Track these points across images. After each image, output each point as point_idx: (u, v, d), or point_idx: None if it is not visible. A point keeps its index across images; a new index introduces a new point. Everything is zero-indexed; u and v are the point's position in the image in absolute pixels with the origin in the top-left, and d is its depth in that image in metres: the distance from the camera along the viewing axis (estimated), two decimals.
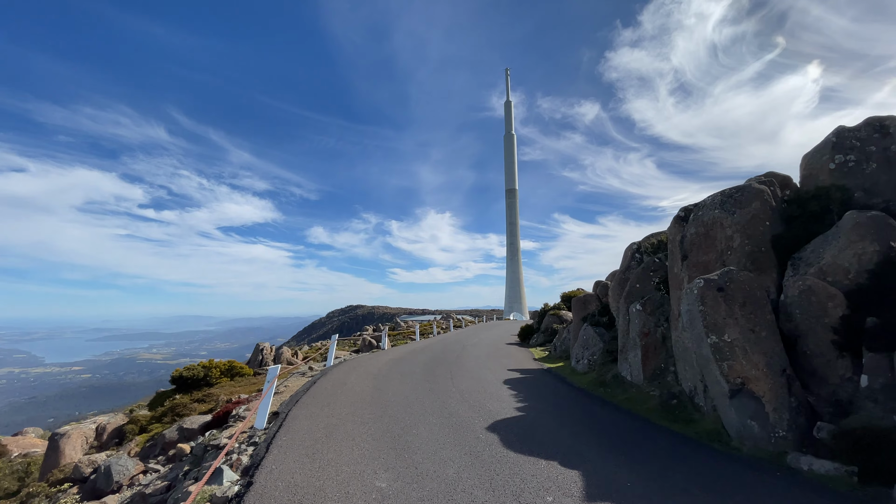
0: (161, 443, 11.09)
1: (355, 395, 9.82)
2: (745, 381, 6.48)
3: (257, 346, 20.43)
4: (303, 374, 14.00)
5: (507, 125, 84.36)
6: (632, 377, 10.68)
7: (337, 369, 13.80)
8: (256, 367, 19.16)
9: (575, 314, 14.65)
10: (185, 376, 14.61)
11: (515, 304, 77.33)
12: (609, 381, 11.19)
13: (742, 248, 8.20)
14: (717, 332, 6.78)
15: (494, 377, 12.01)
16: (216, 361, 15.46)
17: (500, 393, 9.91)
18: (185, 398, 13.73)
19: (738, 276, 6.96)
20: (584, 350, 13.08)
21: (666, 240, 11.42)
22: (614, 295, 13.29)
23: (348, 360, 16.42)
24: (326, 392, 10.20)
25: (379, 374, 12.60)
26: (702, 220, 8.98)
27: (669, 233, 10.00)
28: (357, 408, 8.61)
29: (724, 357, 6.67)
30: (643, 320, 10.48)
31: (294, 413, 8.42)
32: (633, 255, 13.14)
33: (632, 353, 10.76)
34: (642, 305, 10.60)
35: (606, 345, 12.52)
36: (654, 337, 10.34)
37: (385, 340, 20.50)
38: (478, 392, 9.93)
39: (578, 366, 13.03)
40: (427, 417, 7.79)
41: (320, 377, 12.42)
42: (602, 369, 12.00)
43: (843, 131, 8.17)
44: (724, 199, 8.72)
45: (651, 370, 10.26)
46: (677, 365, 9.64)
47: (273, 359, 19.57)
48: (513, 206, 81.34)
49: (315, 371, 14.50)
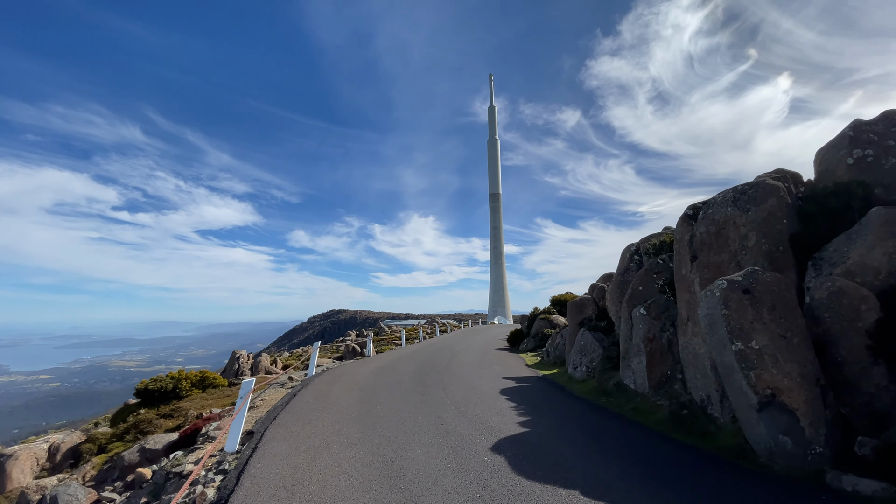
0: (120, 465, 9.89)
1: (340, 409, 8.87)
2: (776, 393, 5.84)
3: (233, 355, 19.16)
4: (282, 385, 12.93)
5: (490, 130, 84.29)
6: (636, 385, 10.03)
7: (319, 379, 12.78)
8: (232, 377, 17.91)
9: (570, 319, 14.00)
10: (152, 389, 13.34)
11: (499, 308, 76.91)
12: (611, 390, 10.51)
13: (758, 247, 7.63)
14: (742, 338, 6.14)
15: (489, 386, 11.21)
16: (186, 372, 14.22)
17: (499, 405, 9.11)
18: (150, 413, 12.48)
19: (764, 276, 6.35)
20: (582, 356, 12.40)
21: (669, 240, 10.86)
22: (612, 298, 12.68)
23: (331, 369, 15.38)
24: (308, 406, 9.22)
25: (365, 384, 11.65)
26: (713, 219, 8.40)
27: (676, 232, 9.42)
28: (343, 425, 7.68)
29: (751, 365, 6.02)
30: (647, 325, 9.85)
31: (271, 433, 7.44)
32: (632, 257, 12.57)
33: (635, 359, 10.11)
34: (646, 309, 9.97)
35: (606, 351, 11.87)
36: (659, 343, 9.71)
37: (370, 347, 19.50)
38: (474, 404, 9.10)
39: (576, 373, 12.35)
40: (422, 436, 6.92)
41: (301, 388, 11.40)
42: (602, 377, 11.33)
43: (860, 125, 7.71)
44: (737, 195, 8.16)
45: (657, 378, 9.63)
46: (686, 372, 9.02)
47: (250, 368, 18.34)
48: (496, 210, 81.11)
49: (295, 381, 13.44)
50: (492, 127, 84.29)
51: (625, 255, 13.26)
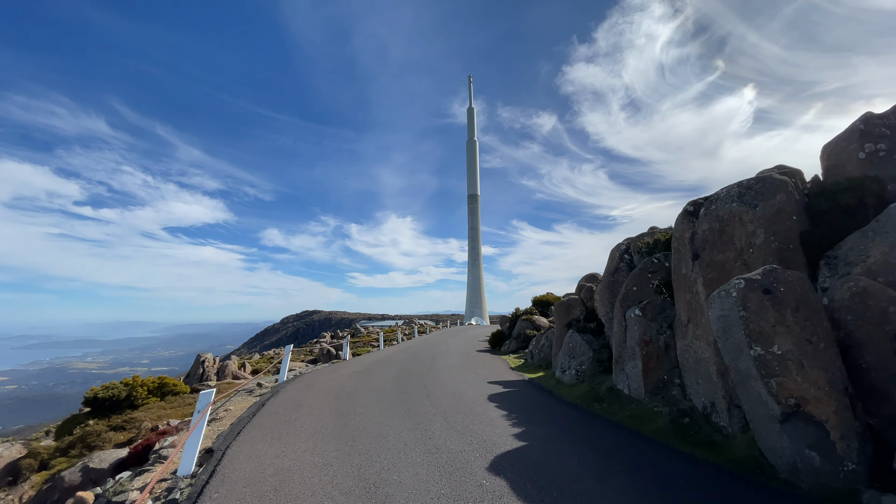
0: (60, 487, 8.59)
1: (314, 421, 7.89)
2: (802, 403, 5.27)
3: (198, 358, 17.71)
4: (250, 393, 11.78)
5: (469, 131, 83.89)
6: (630, 390, 9.44)
7: (291, 386, 11.70)
8: (196, 383, 16.50)
9: (557, 320, 13.39)
10: (103, 397, 11.93)
11: (476, 308, 76.50)
12: (604, 395, 9.90)
13: (767, 245, 7.12)
14: (763, 342, 5.55)
15: (476, 392, 10.42)
16: (142, 378, 12.84)
17: (489, 413, 8.33)
18: (100, 425, 11.11)
19: (786, 275, 5.79)
20: (571, 359, 11.78)
21: (664, 238, 10.35)
22: (602, 299, 12.12)
23: (305, 374, 14.27)
24: (278, 418, 8.19)
25: (342, 391, 10.66)
26: (716, 215, 7.87)
27: (676, 230, 8.88)
28: (317, 441, 6.72)
29: (772, 373, 5.44)
30: (643, 327, 9.28)
31: (234, 452, 6.41)
32: (622, 256, 12.05)
33: (630, 363, 9.53)
34: (642, 311, 9.40)
35: (596, 353, 11.28)
36: (656, 346, 9.15)
37: (346, 349, 18.42)
38: (463, 413, 8.29)
39: (565, 377, 11.71)
40: (409, 453, 6.04)
41: (271, 396, 10.31)
42: (593, 381, 10.72)
43: (871, 118, 7.32)
44: (743, 191, 7.65)
45: (653, 383, 9.06)
46: (685, 377, 8.48)
47: (216, 372, 16.97)
48: (475, 211, 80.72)
49: (265, 388, 12.30)
50: (470, 128, 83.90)
51: (614, 254, 12.73)
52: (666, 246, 10.21)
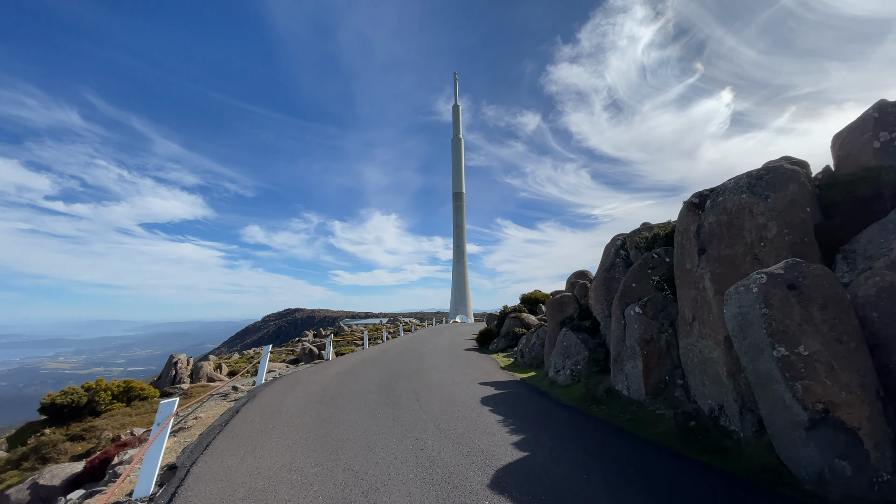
0: None
1: (293, 430, 7.16)
2: (831, 408, 4.81)
3: (170, 359, 16.65)
4: (224, 397, 10.93)
5: (454, 129, 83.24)
6: (630, 391, 8.98)
7: (270, 389, 10.88)
8: (168, 386, 15.47)
9: (550, 318, 12.90)
10: (61, 403, 10.91)
11: (461, 306, 76.06)
12: (602, 397, 9.41)
13: (780, 238, 6.69)
14: (787, 342, 5.08)
15: (468, 395, 9.81)
16: (106, 382, 11.83)
17: (483, 419, 7.72)
18: (57, 434, 10.11)
19: (812, 269, 5.33)
20: (565, 359, 11.28)
21: (664, 233, 9.92)
22: (597, 296, 11.65)
23: (285, 376, 13.44)
24: (253, 427, 7.43)
25: (325, 394, 9.92)
26: (724, 207, 7.42)
27: (679, 223, 8.42)
28: (296, 454, 6.00)
29: (797, 375, 4.97)
30: (644, 325, 8.81)
31: (201, 468, 5.65)
32: (618, 252, 11.60)
33: (629, 363, 9.06)
34: (642, 308, 8.94)
35: (592, 353, 10.80)
36: (657, 345, 8.70)
37: (329, 349, 17.61)
38: (456, 419, 7.67)
39: (559, 377, 11.21)
40: (400, 468, 5.39)
41: (247, 402, 9.50)
42: (590, 381, 10.23)
43: (886, 105, 6.96)
44: (753, 181, 7.21)
45: (654, 383, 8.60)
46: (689, 378, 8.03)
47: (190, 374, 15.95)
48: (459, 209, 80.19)
49: (241, 391, 11.45)
50: (456, 126, 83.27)
51: (608, 250, 12.28)
52: (666, 241, 9.77)
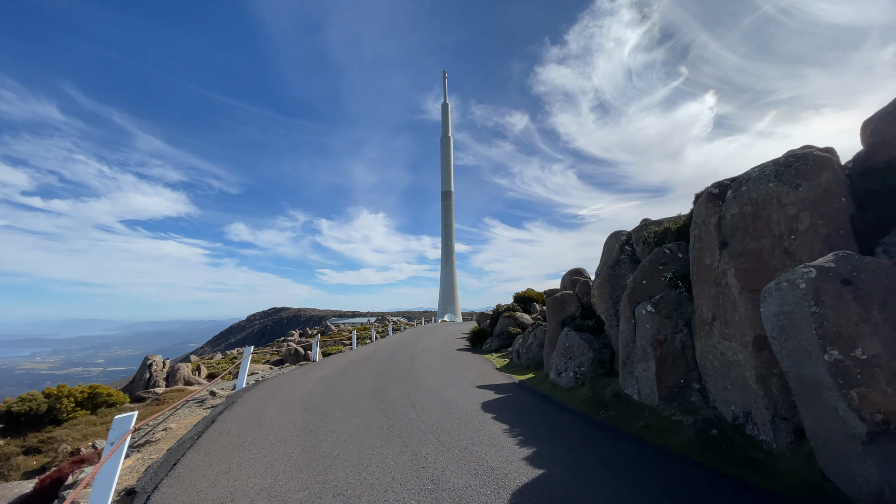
0: None
1: (275, 444, 6.31)
2: (893, 419, 4.20)
3: (144, 362, 15.54)
4: (201, 403, 9.99)
5: (444, 127, 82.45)
6: (640, 396, 8.35)
7: (251, 394, 9.98)
8: (142, 390, 14.39)
9: (550, 317, 12.25)
10: (18, 411, 9.82)
11: (449, 305, 75.36)
12: (610, 401, 8.77)
13: (814, 230, 6.10)
14: (842, 344, 4.46)
15: (467, 400, 9.07)
16: (70, 388, 10.76)
17: (488, 428, 6.99)
18: (12, 445, 9.05)
19: (868, 263, 4.72)
20: (568, 360, 10.63)
21: (675, 227, 9.31)
22: (601, 294, 11.02)
23: (268, 379, 12.52)
24: (230, 440, 6.56)
25: (311, 400, 9.07)
26: (748, 197, 6.81)
27: (697, 215, 7.80)
28: (278, 475, 5.17)
29: (853, 382, 4.35)
30: (657, 325, 8.19)
31: (165, 494, 4.78)
32: (623, 248, 10.98)
33: (640, 365, 8.43)
34: (654, 307, 8.31)
35: (597, 354, 10.16)
36: (671, 346, 8.08)
37: (316, 350, 16.69)
38: (457, 428, 6.91)
39: (561, 379, 10.54)
40: (399, 492, 4.61)
41: (224, 409, 8.60)
42: (595, 385, 9.58)
43: None
44: (781, 169, 6.61)
45: (668, 387, 7.98)
46: (708, 382, 7.42)
47: (165, 377, 14.88)
48: (448, 208, 79.45)
49: (220, 396, 10.51)
50: (445, 124, 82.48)
51: (612, 245, 11.67)
52: (678, 235, 9.17)
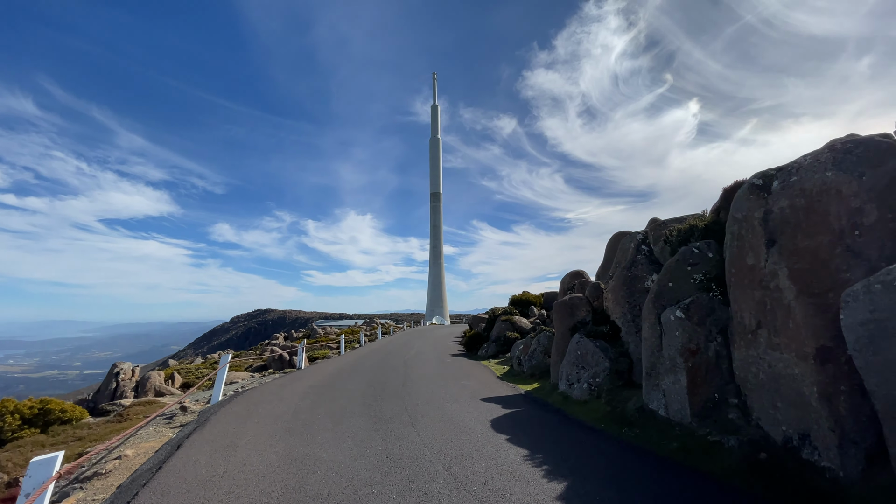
0: None
1: (251, 480, 5.15)
2: None
3: (111, 369, 14.07)
4: (169, 420, 8.72)
5: (433, 129, 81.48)
6: (668, 411, 7.41)
7: (227, 410, 8.74)
8: (107, 401, 12.94)
9: (558, 322, 11.28)
10: None
11: (437, 308, 74.26)
12: (633, 417, 7.82)
13: (882, 225, 5.25)
14: None
15: (473, 417, 8.03)
16: (16, 402, 9.35)
17: (504, 455, 5.94)
18: None
19: None
20: (580, 370, 9.66)
21: (702, 224, 8.43)
22: (616, 298, 10.10)
23: (248, 390, 11.25)
24: (196, 474, 5.37)
25: (296, 418, 7.90)
26: (801, 188, 5.95)
27: (737, 209, 6.91)
28: None
29: None
30: (688, 332, 7.27)
31: None
32: (639, 248, 10.08)
33: (668, 377, 7.50)
34: (684, 312, 7.39)
35: (613, 363, 9.22)
36: (704, 356, 7.16)
37: (302, 356, 15.42)
38: (469, 456, 5.85)
39: (573, 391, 9.57)
40: None
41: (194, 430, 7.37)
42: (614, 398, 8.63)
43: None
44: (839, 156, 5.76)
45: (701, 402, 7.06)
46: (750, 397, 6.51)
47: (134, 388, 13.45)
48: (437, 209, 78.43)
49: (192, 412, 9.25)
50: (434, 126, 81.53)
51: (626, 244, 10.78)
52: (705, 233, 8.30)
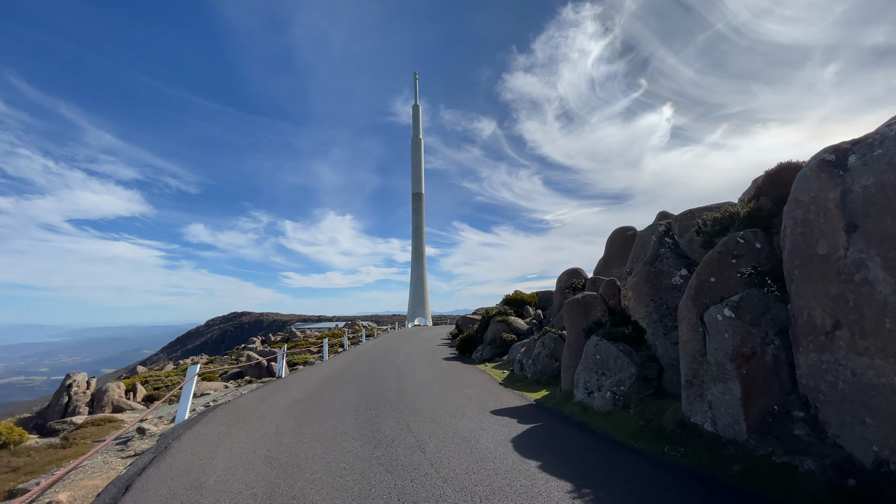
0: None
1: None
2: None
3: (64, 381, 12.18)
4: (123, 446, 7.14)
5: (414, 129, 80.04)
6: (717, 426, 6.32)
7: (194, 434, 7.20)
8: (57, 418, 11.09)
9: (570, 323, 10.14)
10: None
11: (419, 309, 72.76)
12: (673, 433, 6.70)
13: None
14: None
15: (489, 435, 6.76)
16: None
17: (542, 490, 4.69)
18: None
19: None
20: (601, 377, 8.54)
21: (744, 210, 7.41)
22: (639, 295, 9.03)
23: (221, 405, 9.67)
24: None
25: (278, 444, 6.45)
26: (889, 163, 4.96)
27: (802, 190, 5.88)
28: None
29: None
30: (740, 334, 6.21)
31: None
32: (662, 240, 9.05)
33: (715, 386, 6.42)
34: (734, 310, 6.33)
35: (640, 369, 8.12)
36: (761, 361, 6.11)
37: (282, 364, 13.80)
38: (500, 494, 4.57)
39: (593, 401, 8.43)
40: None
41: (152, 462, 5.85)
42: (645, 409, 7.52)
43: None
44: None
45: (758, 416, 6.00)
46: (822, 410, 5.47)
47: (89, 402, 11.61)
48: (419, 210, 76.96)
49: (152, 434, 7.66)
50: (416, 126, 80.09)
51: (645, 237, 9.75)
52: (748, 221, 7.28)
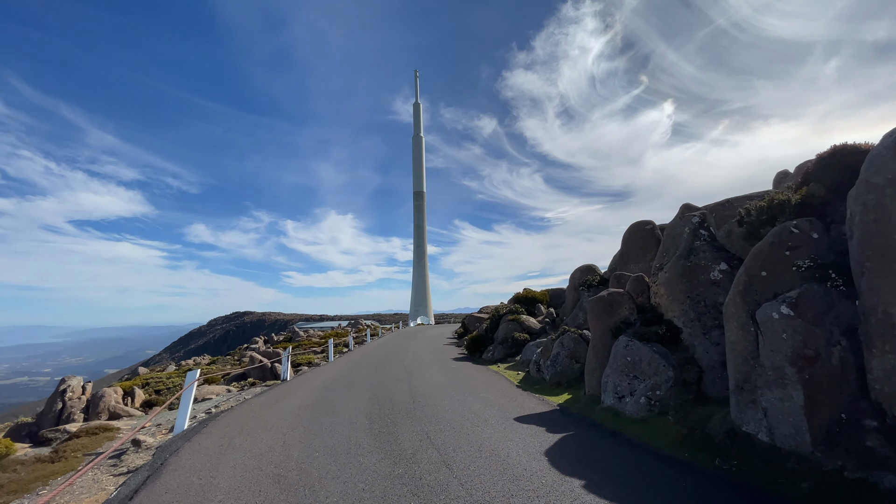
0: None
1: None
2: None
3: (58, 386, 11.51)
4: (117, 462, 6.46)
5: (415, 127, 79.25)
6: (773, 436, 5.64)
7: (193, 448, 6.52)
8: (50, 426, 10.42)
9: (595, 322, 9.45)
10: None
11: (421, 308, 72.12)
12: (723, 443, 6.02)
13: None
14: None
15: (520, 448, 6.09)
16: None
17: None
18: None
19: None
20: (633, 380, 7.86)
21: (797, 199, 6.70)
22: (672, 292, 8.34)
23: (224, 412, 8.98)
24: None
25: (287, 457, 5.77)
26: None
27: (877, 171, 5.18)
28: None
29: None
30: (801, 334, 5.52)
31: None
32: (696, 233, 8.35)
33: (771, 391, 5.73)
34: (793, 308, 5.64)
35: (677, 372, 7.44)
36: (826, 364, 5.42)
37: (287, 367, 13.12)
38: None
39: (625, 406, 7.75)
40: None
41: (145, 482, 5.17)
42: (685, 416, 6.84)
43: None
44: None
45: (824, 425, 5.32)
46: None
47: (85, 408, 10.93)
48: (420, 208, 76.24)
49: (148, 447, 6.98)
50: (416, 124, 79.30)
51: (677, 230, 9.06)
52: (799, 209, 6.59)
